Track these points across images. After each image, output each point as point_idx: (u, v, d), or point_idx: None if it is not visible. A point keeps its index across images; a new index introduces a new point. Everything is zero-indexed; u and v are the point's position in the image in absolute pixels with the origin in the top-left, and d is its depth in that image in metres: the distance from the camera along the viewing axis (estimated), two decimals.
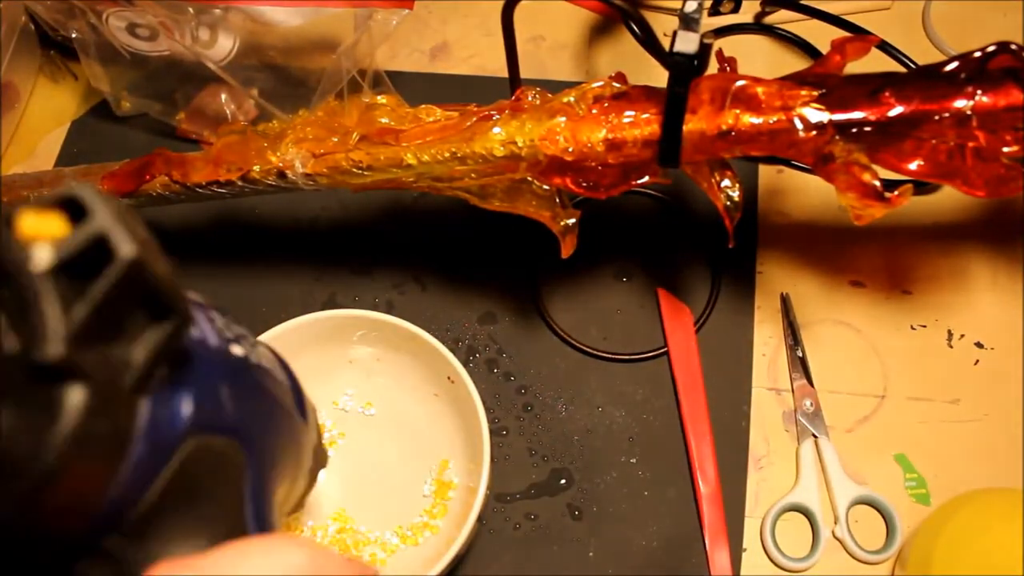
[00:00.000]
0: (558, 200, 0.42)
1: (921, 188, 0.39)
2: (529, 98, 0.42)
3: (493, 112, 0.41)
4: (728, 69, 0.42)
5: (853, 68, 0.39)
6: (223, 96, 0.60)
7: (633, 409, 0.52)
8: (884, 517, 0.48)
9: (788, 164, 0.54)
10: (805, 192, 0.57)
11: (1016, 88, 0.35)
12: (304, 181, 0.45)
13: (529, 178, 0.41)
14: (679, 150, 0.38)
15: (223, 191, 0.47)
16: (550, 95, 0.42)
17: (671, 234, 0.57)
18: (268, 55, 0.60)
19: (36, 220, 0.18)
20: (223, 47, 0.58)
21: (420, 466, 0.50)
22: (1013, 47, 0.35)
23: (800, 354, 0.52)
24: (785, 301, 0.53)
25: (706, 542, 0.48)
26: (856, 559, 0.47)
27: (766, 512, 0.48)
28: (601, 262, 0.56)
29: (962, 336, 0.52)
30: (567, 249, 0.43)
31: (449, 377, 0.47)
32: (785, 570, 0.47)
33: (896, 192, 0.36)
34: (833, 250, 0.55)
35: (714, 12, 0.57)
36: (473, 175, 0.42)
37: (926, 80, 0.36)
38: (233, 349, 0.26)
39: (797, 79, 0.38)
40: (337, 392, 0.52)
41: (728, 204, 0.41)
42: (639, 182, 0.41)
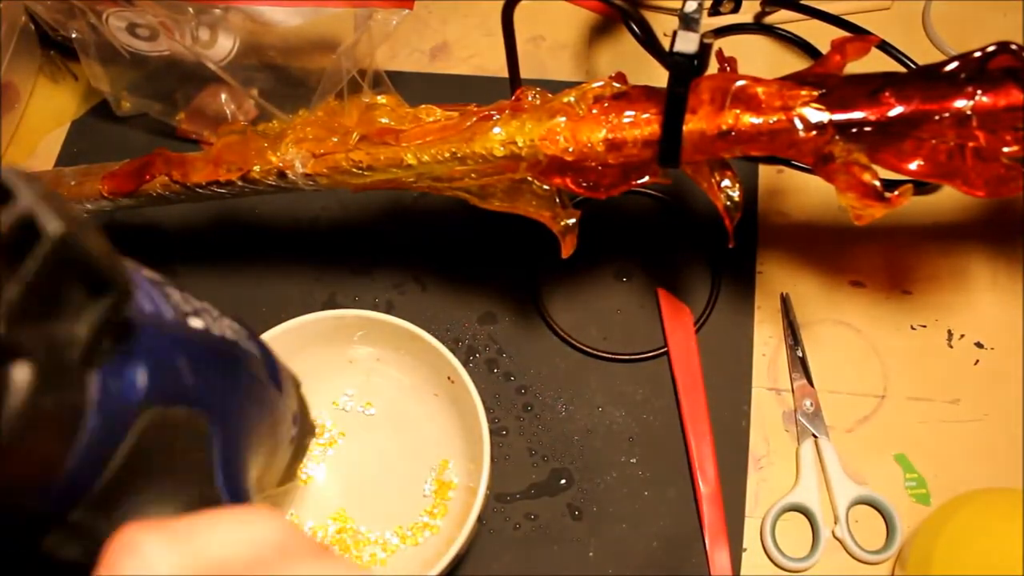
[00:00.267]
0: (558, 200, 0.42)
1: (921, 188, 0.39)
2: (529, 98, 0.42)
3: (493, 112, 0.41)
4: (728, 69, 0.42)
5: (853, 68, 0.39)
6: (223, 96, 0.60)
7: (633, 409, 0.52)
8: (884, 517, 0.48)
9: (788, 164, 0.54)
10: (805, 192, 0.57)
11: (1016, 88, 0.35)
12: (304, 181, 0.45)
13: (529, 178, 0.41)
14: (679, 150, 0.38)
15: (223, 191, 0.47)
16: (550, 95, 0.42)
17: (671, 234, 0.57)
18: (268, 55, 0.60)
19: None
20: (223, 47, 0.58)
21: (420, 466, 0.50)
22: (1013, 47, 0.35)
23: (800, 354, 0.52)
24: (785, 301, 0.53)
25: (706, 542, 0.48)
26: (856, 559, 0.47)
27: (766, 512, 0.48)
28: (601, 262, 0.56)
29: (962, 336, 0.52)
30: (567, 249, 0.43)
31: (449, 377, 0.47)
32: (785, 570, 0.47)
33: (896, 192, 0.36)
34: (833, 250, 0.55)
35: (714, 12, 0.57)
36: (473, 175, 0.42)
37: (926, 80, 0.36)
38: (192, 322, 0.26)
39: (797, 79, 0.38)
40: (337, 392, 0.52)
41: (728, 204, 0.41)
42: (639, 182, 0.41)
